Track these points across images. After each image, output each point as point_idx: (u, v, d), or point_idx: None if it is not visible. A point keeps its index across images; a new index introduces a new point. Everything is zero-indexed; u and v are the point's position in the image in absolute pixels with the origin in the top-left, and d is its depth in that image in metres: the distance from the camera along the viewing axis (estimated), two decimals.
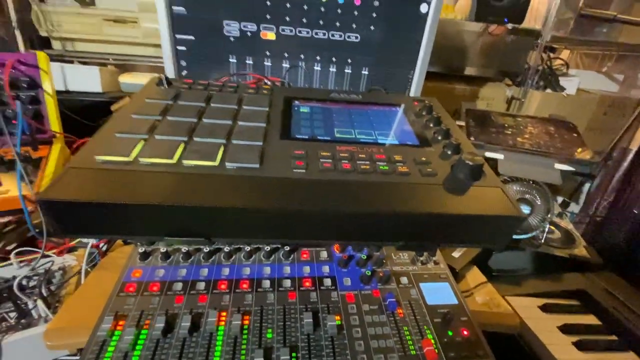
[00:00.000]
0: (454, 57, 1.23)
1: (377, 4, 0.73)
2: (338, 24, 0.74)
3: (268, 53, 0.76)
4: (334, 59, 0.78)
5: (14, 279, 0.55)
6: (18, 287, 0.54)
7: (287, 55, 0.77)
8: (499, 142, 0.80)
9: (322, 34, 0.75)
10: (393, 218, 0.40)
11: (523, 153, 0.77)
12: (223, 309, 0.44)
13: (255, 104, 0.54)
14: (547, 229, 0.80)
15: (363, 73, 0.80)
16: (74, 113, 0.89)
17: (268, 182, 0.39)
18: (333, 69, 0.79)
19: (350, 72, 0.80)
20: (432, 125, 0.56)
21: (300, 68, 0.78)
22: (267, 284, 0.48)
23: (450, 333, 0.44)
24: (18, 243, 0.68)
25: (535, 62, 1.27)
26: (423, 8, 0.73)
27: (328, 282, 0.49)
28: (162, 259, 0.50)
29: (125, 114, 0.46)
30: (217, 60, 0.76)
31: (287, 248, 0.53)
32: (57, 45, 1.08)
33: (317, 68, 0.79)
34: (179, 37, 0.71)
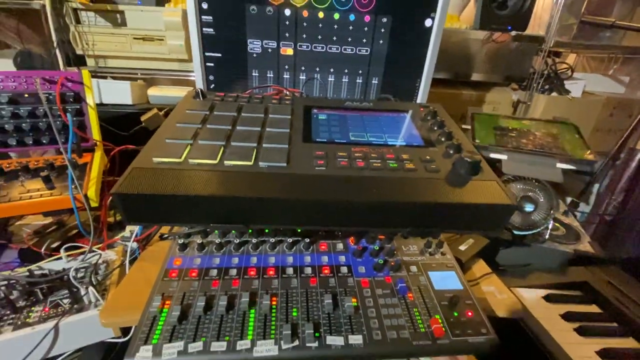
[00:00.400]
0: (461, 64, 1.27)
1: (385, 20, 0.79)
2: (350, 39, 0.81)
3: (287, 67, 0.84)
4: (347, 71, 0.85)
5: (66, 271, 0.62)
6: (73, 276, 0.61)
7: (304, 69, 0.84)
8: (503, 143, 0.84)
9: (335, 49, 0.82)
10: (401, 207, 0.46)
11: (526, 154, 0.81)
12: (254, 292, 0.50)
13: (280, 113, 0.61)
14: (551, 226, 0.84)
15: (373, 83, 0.86)
16: (108, 124, 0.97)
17: (294, 177, 0.46)
18: (345, 80, 0.86)
19: (361, 82, 0.86)
20: (436, 129, 0.62)
21: (316, 80, 0.85)
22: (290, 271, 0.54)
23: (456, 314, 0.49)
24: (60, 242, 0.76)
25: (540, 66, 1.30)
26: (427, 22, 0.79)
27: (345, 269, 0.55)
28: (198, 250, 0.57)
29: (171, 123, 0.53)
30: (241, 74, 0.84)
31: (307, 240, 0.59)
32: (91, 62, 1.18)
33: (331, 79, 0.86)
34: (208, 54, 0.80)
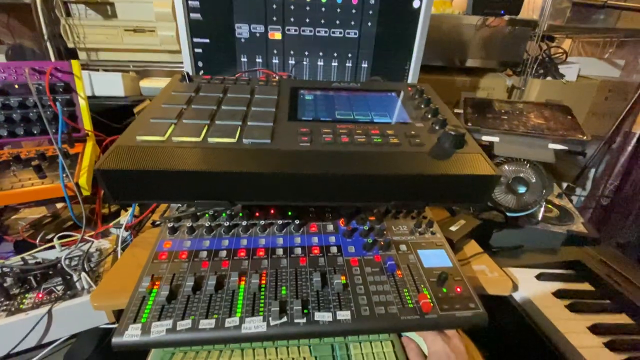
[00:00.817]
0: (454, 50, 1.26)
1: (372, 2, 0.79)
2: (338, 22, 0.81)
3: (275, 51, 0.83)
4: (336, 54, 0.84)
5: (59, 259, 0.63)
6: (65, 263, 0.62)
7: (292, 53, 0.84)
8: (495, 126, 0.84)
9: (323, 32, 0.82)
10: (384, 179, 0.46)
11: (518, 135, 0.81)
12: (243, 272, 0.50)
13: (266, 93, 0.61)
14: (543, 207, 0.84)
15: (363, 66, 0.86)
16: (100, 116, 0.96)
17: (278, 153, 0.45)
18: (335, 64, 0.85)
19: (351, 65, 0.86)
20: (422, 106, 0.61)
21: (305, 63, 0.84)
22: (280, 252, 0.54)
23: (445, 290, 0.50)
24: (55, 233, 0.76)
25: (534, 51, 1.30)
26: (415, 3, 0.78)
27: (334, 249, 0.56)
28: (188, 233, 0.57)
29: (157, 104, 0.53)
30: (230, 60, 0.83)
31: (297, 222, 0.59)
32: (82, 55, 1.18)
33: (320, 63, 0.85)
34: (196, 40, 0.79)
